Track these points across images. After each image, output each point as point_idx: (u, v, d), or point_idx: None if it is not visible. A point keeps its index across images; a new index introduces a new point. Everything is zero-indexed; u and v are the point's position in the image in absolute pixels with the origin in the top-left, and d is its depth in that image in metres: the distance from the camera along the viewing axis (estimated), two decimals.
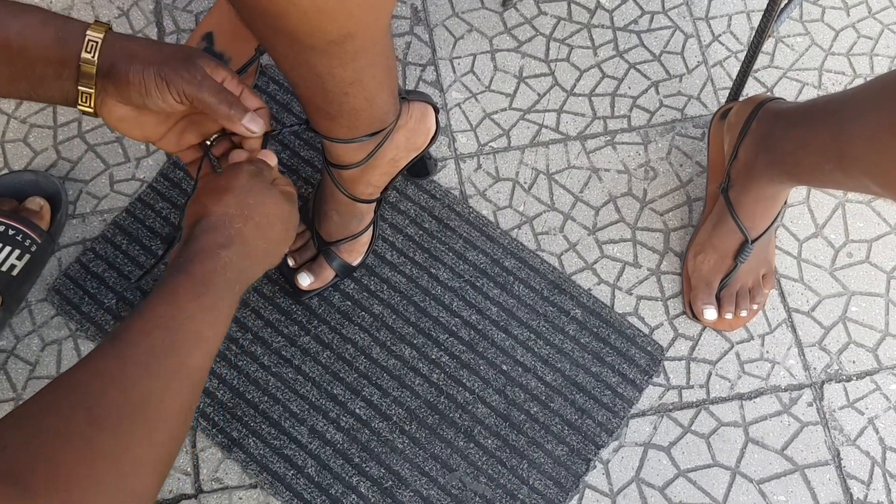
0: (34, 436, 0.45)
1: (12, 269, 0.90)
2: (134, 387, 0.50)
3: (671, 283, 0.99)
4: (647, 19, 1.12)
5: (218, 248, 0.60)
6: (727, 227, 0.93)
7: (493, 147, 1.05)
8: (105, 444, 0.46)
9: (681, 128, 1.06)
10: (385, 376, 0.93)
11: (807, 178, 0.84)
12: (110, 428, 0.47)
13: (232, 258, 0.60)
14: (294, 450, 0.90)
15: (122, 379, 0.50)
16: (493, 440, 0.91)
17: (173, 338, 0.53)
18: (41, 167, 1.02)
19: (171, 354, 0.53)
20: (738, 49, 1.11)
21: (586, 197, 1.03)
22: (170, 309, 0.55)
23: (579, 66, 1.09)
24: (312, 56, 0.61)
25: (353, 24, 0.58)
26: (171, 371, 0.52)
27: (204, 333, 0.56)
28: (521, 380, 0.93)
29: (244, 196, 0.63)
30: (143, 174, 1.02)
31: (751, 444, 0.93)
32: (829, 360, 0.96)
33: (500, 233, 1.00)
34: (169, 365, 0.52)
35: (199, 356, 0.55)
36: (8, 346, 0.94)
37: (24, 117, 1.05)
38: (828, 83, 1.09)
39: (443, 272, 0.97)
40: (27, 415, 0.46)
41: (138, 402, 0.49)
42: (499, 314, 0.96)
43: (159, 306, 0.55)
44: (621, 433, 0.93)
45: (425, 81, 1.08)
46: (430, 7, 1.12)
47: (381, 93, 0.73)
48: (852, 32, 1.12)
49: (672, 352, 0.96)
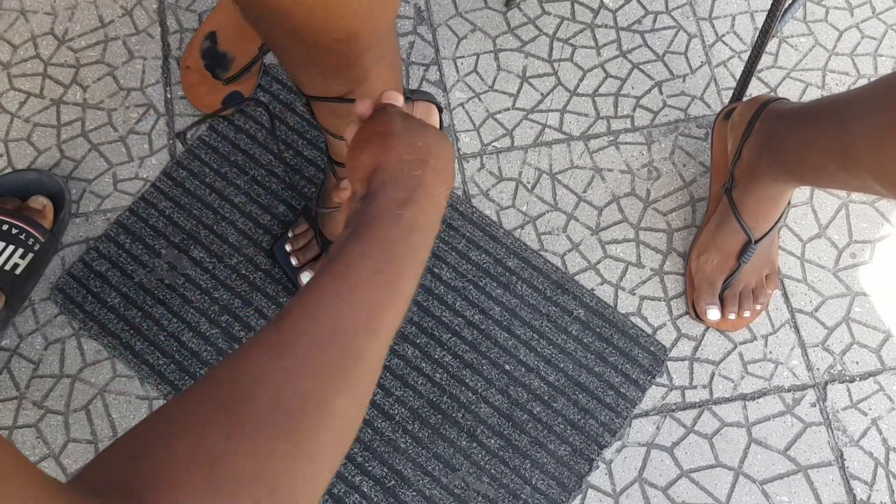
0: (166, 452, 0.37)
1: (15, 267, 0.90)
2: (288, 384, 0.40)
3: (674, 283, 0.99)
4: (650, 19, 1.12)
5: (400, 206, 0.50)
6: (730, 227, 0.93)
7: (496, 147, 1.05)
8: (241, 464, 0.37)
9: (684, 128, 1.06)
10: (388, 375, 0.93)
11: (810, 178, 0.83)
12: (250, 441, 0.38)
13: (417, 217, 0.51)
14: None
15: (274, 377, 0.40)
16: (495, 440, 0.91)
17: (343, 325, 0.44)
18: (45, 166, 1.02)
19: (337, 345, 0.43)
20: (741, 49, 1.11)
21: (589, 197, 1.03)
22: (342, 287, 0.45)
23: (583, 66, 1.09)
24: (317, 55, 0.61)
25: (358, 23, 0.58)
26: (335, 365, 0.43)
27: (378, 318, 0.46)
28: (524, 380, 0.93)
29: (412, 138, 0.55)
30: (146, 173, 1.02)
31: (754, 445, 0.93)
32: (832, 361, 0.96)
33: (503, 232, 1.00)
34: (332, 358, 0.43)
35: (372, 346, 0.45)
36: (11, 344, 0.95)
37: (28, 116, 1.05)
38: (831, 83, 1.09)
39: (446, 272, 0.97)
40: (167, 418, 0.39)
41: (294, 409, 0.39)
42: (502, 314, 0.96)
43: (330, 283, 0.45)
44: (624, 433, 0.92)
45: (429, 81, 1.08)
46: (434, 7, 1.12)
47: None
48: (856, 33, 1.12)
49: (675, 352, 0.96)
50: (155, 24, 1.10)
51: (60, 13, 1.10)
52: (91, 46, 1.09)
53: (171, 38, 1.09)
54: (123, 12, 1.10)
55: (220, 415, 0.38)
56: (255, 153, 1.02)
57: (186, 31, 1.10)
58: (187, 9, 1.11)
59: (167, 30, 1.10)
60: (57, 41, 1.09)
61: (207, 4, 1.11)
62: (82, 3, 1.11)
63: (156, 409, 0.40)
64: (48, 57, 1.08)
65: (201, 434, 0.37)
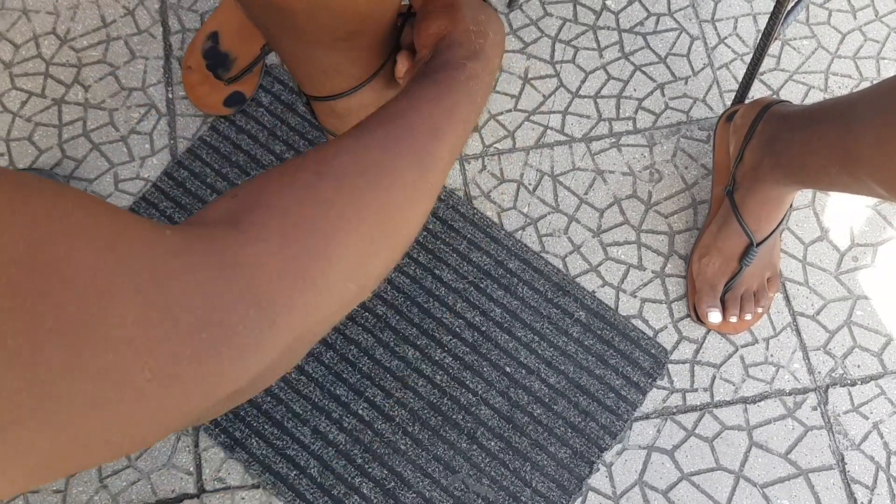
0: (262, 186, 0.42)
1: None
2: (366, 153, 0.46)
3: (676, 285, 0.99)
4: (652, 21, 1.12)
5: (464, 59, 0.57)
6: (732, 229, 0.93)
7: (497, 148, 1.05)
8: (327, 193, 0.42)
9: (686, 130, 1.06)
10: (388, 377, 0.93)
11: (812, 180, 0.83)
12: (335, 179, 0.43)
13: (476, 70, 0.57)
14: (296, 450, 0.90)
15: (354, 148, 0.46)
16: (496, 442, 0.90)
17: (410, 125, 0.50)
18: (46, 165, 1.02)
19: (408, 137, 0.49)
20: (744, 52, 1.10)
21: (591, 199, 1.03)
22: (408, 105, 0.51)
23: (585, 68, 1.09)
24: (320, 53, 0.61)
25: (360, 21, 0.58)
26: (406, 149, 0.48)
27: (442, 128, 0.52)
28: (525, 382, 0.93)
29: (475, 12, 0.61)
30: (147, 173, 1.02)
31: (755, 448, 0.92)
32: (833, 364, 0.96)
33: (504, 234, 1.00)
34: (405, 145, 0.48)
35: (436, 146, 0.51)
36: None
37: (30, 115, 1.05)
38: (834, 86, 1.09)
39: (447, 273, 0.97)
40: (264, 173, 0.44)
41: (369, 166, 0.45)
42: (502, 316, 0.95)
43: (399, 103, 0.51)
44: (625, 436, 0.92)
45: None
46: None
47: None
48: (859, 35, 1.12)
49: (676, 355, 0.96)
50: (157, 23, 1.10)
51: (62, 13, 1.10)
52: (93, 46, 1.09)
53: (172, 38, 1.09)
54: (125, 12, 1.10)
55: (311, 165, 0.43)
56: (256, 154, 1.02)
57: (188, 31, 1.10)
58: (189, 9, 1.11)
59: (169, 30, 1.10)
60: (59, 41, 1.09)
61: (209, 5, 1.11)
62: (84, 3, 1.11)
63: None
64: (50, 56, 1.08)
65: (294, 175, 0.42)
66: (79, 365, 0.26)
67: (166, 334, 0.29)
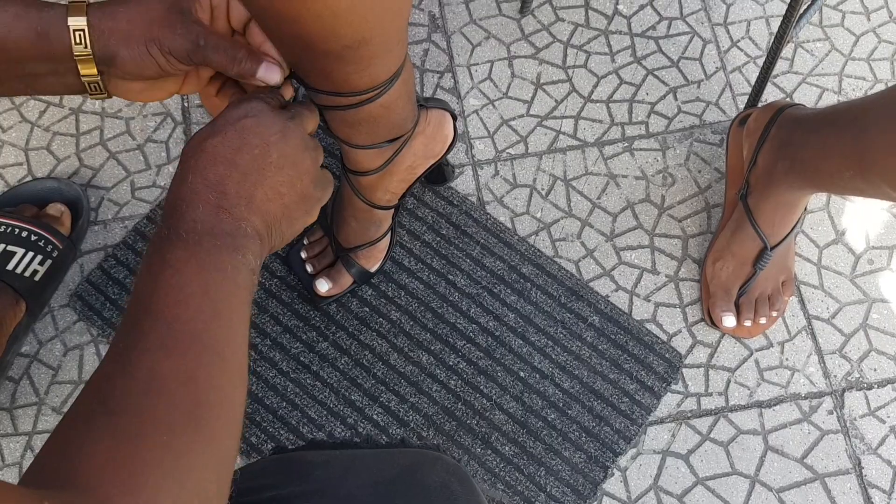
0: (59, 435, 0.43)
1: (35, 273, 0.91)
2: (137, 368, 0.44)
3: (690, 289, 0.99)
4: (664, 25, 1.12)
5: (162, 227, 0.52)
6: (746, 233, 0.92)
7: (510, 153, 1.05)
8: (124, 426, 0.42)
9: (699, 134, 1.06)
10: (402, 382, 0.93)
11: (826, 184, 0.83)
12: (119, 412, 0.42)
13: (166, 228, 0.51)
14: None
15: (125, 362, 0.44)
16: (510, 447, 0.91)
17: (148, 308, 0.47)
18: (64, 174, 1.04)
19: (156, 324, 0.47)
20: (756, 55, 1.10)
21: (604, 203, 1.03)
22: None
23: (597, 73, 1.09)
24: (328, 62, 0.62)
25: (368, 29, 0.59)
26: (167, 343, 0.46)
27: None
28: (539, 386, 0.93)
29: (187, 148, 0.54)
30: (163, 181, 1.03)
31: (770, 453, 0.92)
32: (849, 368, 0.95)
33: (517, 239, 1.00)
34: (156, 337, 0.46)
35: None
36: (31, 350, 0.96)
37: (48, 125, 1.06)
38: (848, 88, 1.08)
39: (460, 278, 0.98)
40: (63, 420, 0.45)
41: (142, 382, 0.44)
42: (516, 320, 0.96)
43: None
44: (639, 441, 0.92)
45: (443, 88, 1.08)
46: (448, 14, 1.13)
47: (399, 99, 0.73)
48: (873, 37, 1.11)
49: (690, 359, 0.96)
50: None
51: None
52: None
53: None
54: None
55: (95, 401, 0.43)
56: None
57: None
58: None
59: None
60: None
61: None
62: None
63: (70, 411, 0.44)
64: None
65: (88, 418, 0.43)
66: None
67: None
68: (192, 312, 0.47)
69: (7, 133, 1.06)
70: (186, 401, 0.44)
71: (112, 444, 0.41)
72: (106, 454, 0.41)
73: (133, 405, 0.43)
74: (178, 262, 0.48)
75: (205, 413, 0.45)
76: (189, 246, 0.49)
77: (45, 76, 0.57)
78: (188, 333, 0.47)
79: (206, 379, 0.46)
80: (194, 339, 0.47)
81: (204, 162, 0.52)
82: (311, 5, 0.54)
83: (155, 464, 0.41)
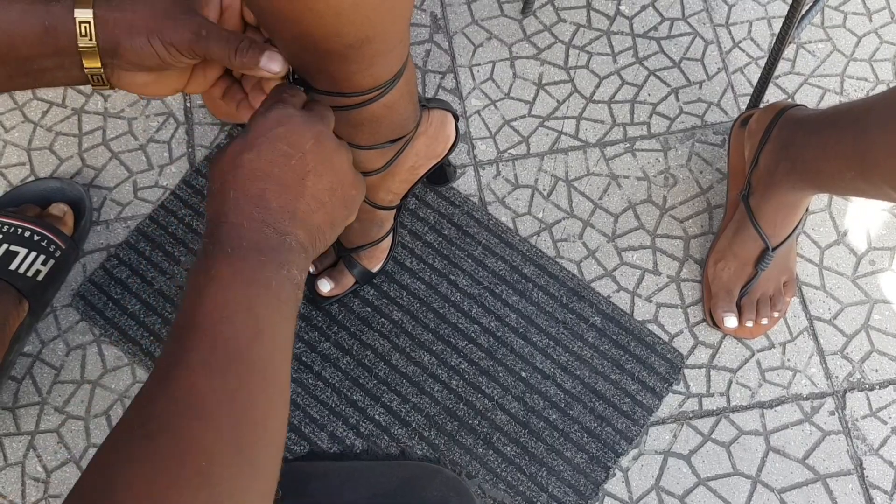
0: (100, 459, 0.43)
1: (37, 273, 0.91)
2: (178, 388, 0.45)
3: (691, 290, 0.99)
4: (666, 26, 1.12)
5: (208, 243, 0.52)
6: (748, 234, 0.92)
7: (512, 154, 1.05)
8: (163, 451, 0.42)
9: (701, 134, 1.06)
10: (404, 382, 0.93)
11: (828, 185, 0.83)
12: (159, 435, 0.43)
13: (214, 236, 0.52)
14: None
15: (167, 381, 0.45)
16: (512, 447, 0.91)
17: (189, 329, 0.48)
18: (66, 174, 1.04)
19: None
20: (758, 55, 1.10)
21: (605, 204, 1.03)
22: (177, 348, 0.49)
23: (599, 73, 1.10)
24: (330, 62, 0.62)
25: (370, 28, 0.59)
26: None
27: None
28: (541, 387, 0.93)
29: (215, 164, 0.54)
30: (166, 181, 1.03)
31: (772, 453, 0.92)
32: (851, 369, 0.95)
33: (519, 240, 1.00)
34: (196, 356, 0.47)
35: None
36: (34, 350, 0.96)
37: (51, 125, 1.06)
38: (850, 89, 1.08)
39: (462, 279, 0.98)
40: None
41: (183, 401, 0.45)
42: (518, 321, 0.96)
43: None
44: (641, 441, 0.92)
45: (445, 89, 1.09)
46: (450, 15, 1.13)
47: (402, 99, 0.73)
48: (875, 38, 1.11)
49: (692, 359, 0.96)
50: None
51: None
52: None
53: None
54: None
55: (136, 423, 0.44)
56: None
57: None
58: None
59: None
60: None
61: None
62: None
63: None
64: None
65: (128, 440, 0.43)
66: None
67: None
68: (235, 330, 0.47)
69: (10, 133, 1.06)
70: (227, 423, 0.44)
71: (151, 471, 0.41)
72: (144, 484, 0.40)
73: (173, 427, 0.43)
74: (223, 277, 0.49)
75: (245, 436, 0.45)
76: (234, 262, 0.49)
77: (51, 70, 0.57)
78: (231, 352, 0.47)
79: (247, 400, 0.46)
80: (236, 358, 0.47)
81: (243, 177, 0.52)
82: (314, 5, 0.54)
83: (192, 494, 0.41)
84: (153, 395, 0.45)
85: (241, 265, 0.49)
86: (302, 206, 0.54)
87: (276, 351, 0.49)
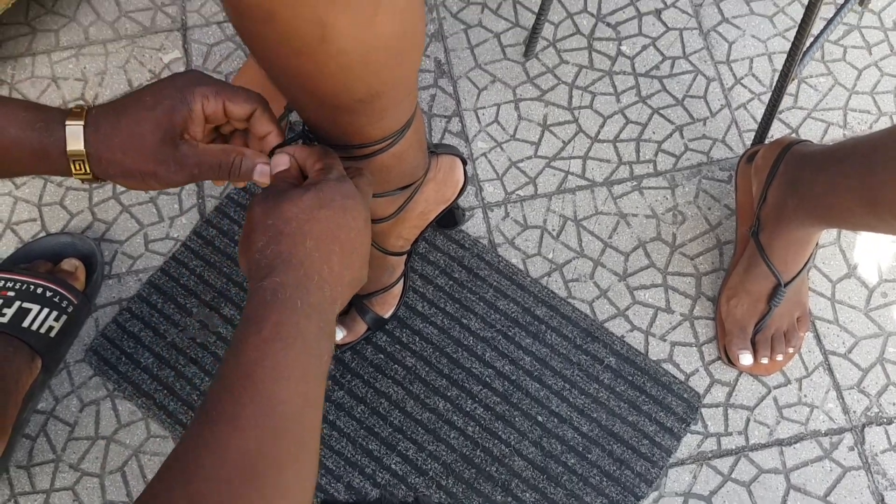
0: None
1: (50, 330, 0.91)
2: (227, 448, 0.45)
3: (705, 328, 0.99)
4: (668, 64, 1.13)
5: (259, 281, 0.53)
6: (759, 270, 0.92)
7: (520, 195, 1.06)
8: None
9: (707, 171, 1.07)
10: (420, 430, 0.93)
11: (837, 221, 0.83)
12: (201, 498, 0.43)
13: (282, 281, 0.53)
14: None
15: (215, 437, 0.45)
16: (531, 493, 0.90)
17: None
18: (77, 229, 1.04)
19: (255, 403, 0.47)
20: (760, 91, 1.11)
21: (615, 243, 1.03)
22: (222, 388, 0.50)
23: (602, 113, 1.10)
24: (340, 115, 0.62)
25: (380, 84, 0.59)
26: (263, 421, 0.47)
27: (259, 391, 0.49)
28: (558, 431, 0.92)
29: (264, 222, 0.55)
30: (176, 233, 1.04)
31: (793, 491, 0.91)
32: (868, 403, 0.95)
33: (530, 281, 1.00)
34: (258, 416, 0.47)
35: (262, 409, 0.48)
36: (47, 407, 0.95)
37: (61, 180, 1.07)
38: (853, 122, 1.09)
39: (474, 322, 0.98)
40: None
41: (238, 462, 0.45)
42: (532, 364, 0.95)
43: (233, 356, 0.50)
44: (660, 483, 0.91)
45: (451, 132, 1.09)
46: (454, 60, 1.14)
47: (411, 148, 0.74)
48: (875, 71, 1.12)
49: (709, 398, 0.95)
50: None
51: (90, 79, 1.13)
52: None
53: None
54: (152, 76, 1.13)
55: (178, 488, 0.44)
56: None
57: None
58: (214, 70, 1.13)
59: None
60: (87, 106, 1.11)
61: (233, 66, 1.14)
62: (112, 69, 1.14)
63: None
64: None
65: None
66: None
67: None
68: (288, 395, 0.48)
69: (20, 189, 1.07)
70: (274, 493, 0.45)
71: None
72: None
73: (218, 492, 0.43)
74: (289, 336, 0.49)
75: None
76: (300, 320, 0.50)
77: (39, 168, 0.60)
78: (283, 416, 0.47)
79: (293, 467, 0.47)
80: (288, 424, 0.47)
81: (320, 231, 0.54)
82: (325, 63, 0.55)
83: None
84: (200, 454, 0.45)
85: (305, 326, 0.51)
86: (348, 276, 0.56)
87: (318, 421, 0.50)
